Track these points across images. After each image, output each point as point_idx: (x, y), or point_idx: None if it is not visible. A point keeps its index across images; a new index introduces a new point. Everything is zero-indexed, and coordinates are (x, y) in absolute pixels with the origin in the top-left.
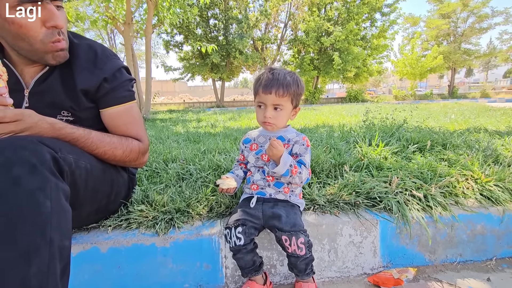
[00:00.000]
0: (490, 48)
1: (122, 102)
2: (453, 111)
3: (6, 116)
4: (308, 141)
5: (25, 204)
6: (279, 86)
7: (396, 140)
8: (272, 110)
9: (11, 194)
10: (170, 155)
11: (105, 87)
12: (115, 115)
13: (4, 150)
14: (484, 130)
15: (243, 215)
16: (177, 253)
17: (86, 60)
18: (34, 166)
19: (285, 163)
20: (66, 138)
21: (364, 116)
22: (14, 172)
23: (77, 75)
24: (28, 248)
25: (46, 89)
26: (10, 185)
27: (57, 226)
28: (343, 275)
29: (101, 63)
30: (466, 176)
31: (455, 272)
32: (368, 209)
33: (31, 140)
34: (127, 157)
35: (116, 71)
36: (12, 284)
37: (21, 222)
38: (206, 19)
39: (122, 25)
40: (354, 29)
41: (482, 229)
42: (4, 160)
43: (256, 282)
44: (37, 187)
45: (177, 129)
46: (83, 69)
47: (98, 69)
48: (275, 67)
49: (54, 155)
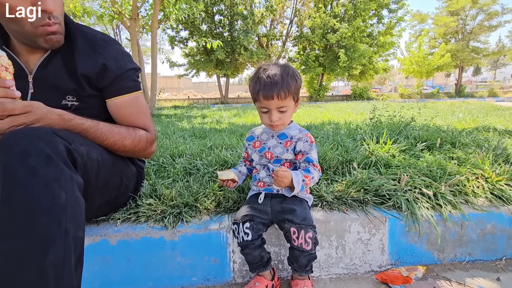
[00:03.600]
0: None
1: (127, 92)
2: (461, 110)
3: (16, 108)
4: (311, 137)
5: (41, 194)
6: (279, 89)
7: (404, 138)
8: (277, 113)
9: (28, 184)
10: (177, 150)
11: (109, 76)
12: (121, 105)
13: (20, 140)
14: (493, 129)
15: (251, 210)
16: (185, 247)
17: (85, 44)
18: (49, 156)
19: (297, 182)
20: (75, 129)
21: (371, 113)
22: (30, 162)
23: (77, 59)
24: (45, 238)
25: (49, 74)
26: (27, 175)
27: (71, 217)
28: (350, 272)
29: (99, 47)
30: (477, 174)
31: (464, 271)
32: (377, 206)
33: (46, 131)
34: (136, 147)
35: (119, 58)
36: (30, 273)
37: (38, 212)
38: (212, 15)
39: (128, 20)
40: (360, 26)
41: (493, 229)
42: (21, 150)
43: (264, 277)
44: (52, 178)
45: (183, 125)
46: (82, 53)
47: (97, 53)
48: (267, 65)
49: (67, 146)
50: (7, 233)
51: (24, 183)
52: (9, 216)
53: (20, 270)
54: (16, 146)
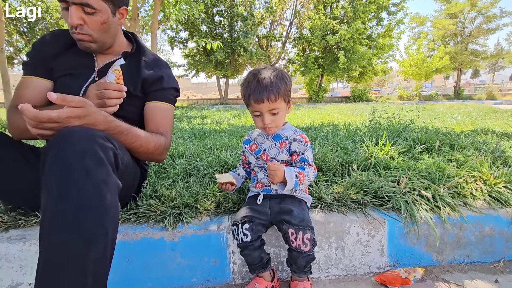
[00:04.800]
0: (497, 49)
1: (167, 101)
2: (459, 112)
3: (74, 101)
4: (306, 137)
5: (92, 194)
6: (269, 92)
7: (403, 140)
8: (269, 116)
9: (82, 182)
10: (177, 151)
11: (160, 84)
12: (157, 109)
13: (80, 141)
14: (491, 132)
15: (250, 212)
16: (185, 248)
17: (153, 60)
18: (101, 159)
19: (290, 177)
20: (114, 130)
21: (370, 115)
22: (86, 162)
23: (143, 68)
24: (90, 236)
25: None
26: (82, 175)
27: (112, 220)
28: (350, 274)
29: (162, 66)
30: (475, 177)
31: (462, 273)
32: (376, 208)
33: (100, 135)
34: (156, 150)
35: (172, 77)
36: (73, 267)
37: (87, 211)
38: (211, 15)
39: (128, 21)
40: (360, 28)
41: (491, 231)
42: (79, 150)
43: (263, 278)
44: (102, 180)
45: (182, 126)
46: (149, 65)
47: (159, 69)
48: (256, 70)
49: (115, 151)
50: (60, 225)
51: (79, 181)
52: (63, 211)
53: (67, 264)
54: (76, 145)
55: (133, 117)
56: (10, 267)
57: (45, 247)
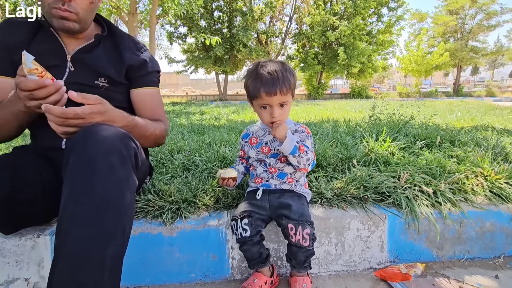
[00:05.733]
0: (497, 46)
1: (153, 85)
2: (459, 109)
3: (92, 98)
4: (307, 129)
5: (115, 190)
6: (281, 85)
7: (403, 136)
8: (278, 109)
9: (107, 179)
10: (175, 146)
11: (145, 69)
12: (148, 95)
13: (106, 139)
14: (492, 128)
15: (249, 206)
16: (184, 243)
17: (131, 43)
18: (124, 158)
19: (292, 138)
20: (130, 125)
21: (370, 111)
22: (111, 160)
23: (123, 52)
24: (109, 231)
25: (89, 58)
26: (107, 171)
27: (129, 217)
28: (349, 269)
29: (141, 49)
30: (476, 173)
31: (462, 269)
32: (376, 203)
33: (125, 134)
34: (161, 136)
35: (153, 60)
36: (92, 260)
37: (109, 207)
38: (211, 11)
39: (126, 15)
40: (360, 24)
41: (491, 227)
42: (106, 148)
43: (263, 274)
44: (123, 178)
45: (181, 121)
46: (128, 48)
47: (140, 52)
48: (264, 62)
49: (136, 151)
50: (83, 219)
51: (103, 178)
52: (87, 205)
53: (86, 256)
54: (102, 143)
55: (123, 105)
56: (6, 262)
57: (65, 240)
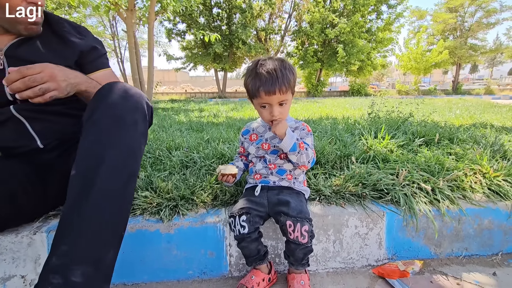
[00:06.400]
0: (496, 44)
1: (107, 67)
2: (458, 107)
3: (34, 68)
4: (308, 127)
5: (136, 142)
6: (281, 84)
7: (402, 133)
8: (278, 107)
9: (132, 131)
10: (174, 143)
11: (94, 53)
12: (104, 77)
13: (133, 96)
14: (490, 126)
15: (248, 203)
16: (181, 240)
17: (68, 27)
18: (144, 115)
19: (291, 136)
20: (93, 83)
21: (369, 108)
22: (136, 116)
23: (67, 38)
24: (133, 174)
25: (25, 53)
26: (133, 124)
27: (139, 167)
28: (347, 266)
29: (83, 32)
30: (474, 170)
31: (460, 266)
32: (375, 201)
33: (143, 94)
34: None
35: (99, 42)
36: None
37: (132, 154)
38: (210, 7)
39: (125, 12)
40: (359, 22)
41: (490, 224)
42: (133, 104)
43: (260, 271)
44: (142, 132)
45: (180, 118)
46: (72, 35)
47: (83, 36)
48: (263, 60)
49: (151, 110)
50: (115, 167)
51: (129, 130)
52: (117, 156)
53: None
54: (130, 99)
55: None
56: (2, 259)
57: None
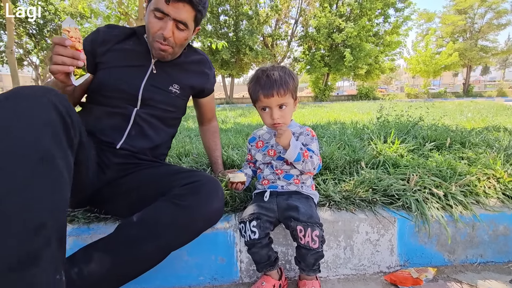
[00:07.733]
0: (508, 45)
1: (213, 91)
2: (469, 110)
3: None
4: (312, 132)
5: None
6: (279, 86)
7: (412, 138)
8: (278, 110)
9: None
10: (183, 150)
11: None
12: (210, 100)
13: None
14: (504, 129)
15: (258, 209)
16: (192, 246)
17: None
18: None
19: (295, 146)
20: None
21: (378, 113)
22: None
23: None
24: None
25: (169, 67)
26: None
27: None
28: (359, 273)
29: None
30: (488, 175)
31: (475, 273)
32: (386, 206)
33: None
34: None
35: (212, 73)
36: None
37: None
38: (217, 15)
39: (135, 21)
40: (366, 25)
41: (505, 230)
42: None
43: (271, 277)
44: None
45: (188, 125)
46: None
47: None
48: (265, 67)
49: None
50: None
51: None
52: None
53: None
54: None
55: (180, 110)
56: None
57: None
